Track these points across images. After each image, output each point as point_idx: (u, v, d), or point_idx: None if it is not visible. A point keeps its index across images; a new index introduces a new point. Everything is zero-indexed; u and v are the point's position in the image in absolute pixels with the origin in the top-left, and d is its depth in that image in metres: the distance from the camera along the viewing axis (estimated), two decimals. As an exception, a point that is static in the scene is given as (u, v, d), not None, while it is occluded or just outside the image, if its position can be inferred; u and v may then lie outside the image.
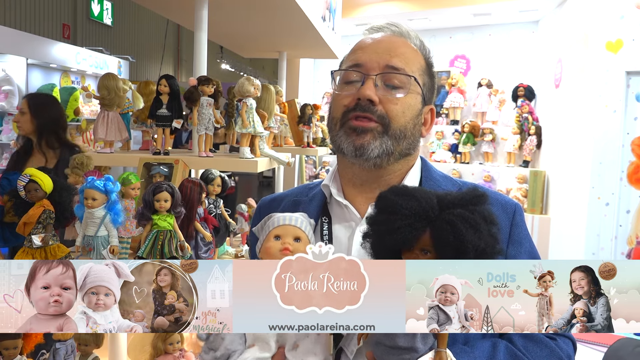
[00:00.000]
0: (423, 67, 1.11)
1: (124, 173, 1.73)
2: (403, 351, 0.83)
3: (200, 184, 1.61)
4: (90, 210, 1.44)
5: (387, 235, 0.83)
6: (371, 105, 1.03)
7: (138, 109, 2.32)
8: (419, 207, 0.83)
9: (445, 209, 0.83)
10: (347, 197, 1.12)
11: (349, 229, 1.09)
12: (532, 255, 1.08)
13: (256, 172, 2.16)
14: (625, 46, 4.31)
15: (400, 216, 0.83)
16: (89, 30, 10.86)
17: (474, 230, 0.80)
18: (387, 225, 0.83)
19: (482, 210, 0.83)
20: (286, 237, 1.01)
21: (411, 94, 1.07)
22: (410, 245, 0.83)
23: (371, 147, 1.03)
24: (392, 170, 1.09)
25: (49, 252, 1.46)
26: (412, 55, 1.09)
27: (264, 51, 4.84)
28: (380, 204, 0.87)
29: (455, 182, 1.14)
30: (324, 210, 1.13)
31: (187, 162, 1.98)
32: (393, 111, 1.04)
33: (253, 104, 2.20)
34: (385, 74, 1.05)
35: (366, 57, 1.07)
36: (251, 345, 0.95)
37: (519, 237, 1.07)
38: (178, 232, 1.43)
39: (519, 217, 1.09)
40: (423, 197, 0.84)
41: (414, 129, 1.09)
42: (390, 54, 1.06)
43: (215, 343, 0.97)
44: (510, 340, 1.00)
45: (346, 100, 1.06)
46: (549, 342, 1.00)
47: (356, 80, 1.07)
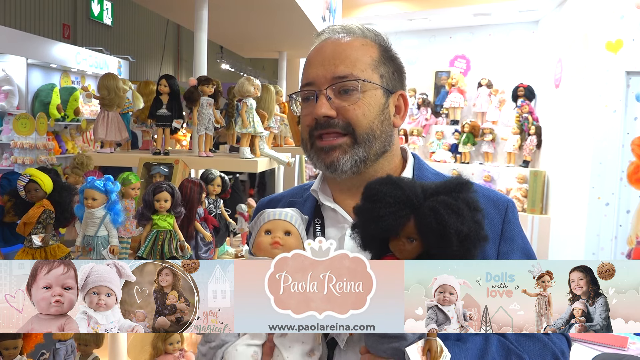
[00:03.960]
0: (375, 58, 1.08)
1: (124, 173, 1.73)
2: (393, 339, 0.84)
3: (200, 184, 1.61)
4: (90, 210, 1.44)
5: (372, 223, 0.84)
6: (330, 120, 1.04)
7: (138, 109, 2.33)
8: (402, 195, 0.84)
9: (429, 197, 0.84)
10: (336, 200, 1.13)
11: (341, 230, 1.10)
12: (526, 252, 1.08)
13: (256, 172, 2.17)
14: (625, 46, 4.31)
15: (385, 204, 0.84)
16: (89, 30, 10.85)
17: (457, 215, 0.81)
18: (372, 213, 0.84)
19: (465, 197, 0.84)
20: (276, 231, 1.02)
21: (367, 92, 1.05)
22: (396, 233, 0.84)
23: (341, 162, 1.04)
24: (375, 171, 1.09)
25: (49, 252, 1.47)
26: (360, 53, 1.07)
27: (264, 51, 4.85)
28: (366, 193, 0.88)
29: (446, 178, 1.14)
30: (316, 212, 1.13)
31: (187, 162, 1.98)
32: (353, 117, 1.04)
33: (253, 104, 2.20)
34: (334, 85, 1.04)
35: (314, 72, 1.07)
36: (243, 334, 0.97)
37: (511, 233, 1.06)
38: (178, 232, 1.44)
39: (511, 214, 1.08)
40: (407, 185, 0.86)
41: (382, 125, 1.07)
42: (335, 63, 1.05)
43: (211, 335, 0.99)
44: (503, 334, 1.00)
45: (307, 120, 1.08)
46: (542, 336, 1.00)
47: (311, 98, 1.07)
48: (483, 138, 6.17)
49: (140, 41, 12.95)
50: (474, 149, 6.26)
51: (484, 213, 0.86)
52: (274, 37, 3.99)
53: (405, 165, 1.15)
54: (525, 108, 5.80)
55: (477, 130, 6.21)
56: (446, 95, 6.53)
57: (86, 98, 7.15)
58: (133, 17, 12.55)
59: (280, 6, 2.89)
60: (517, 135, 5.92)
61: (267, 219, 1.05)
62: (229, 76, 13.11)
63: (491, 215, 1.05)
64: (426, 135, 6.67)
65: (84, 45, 9.35)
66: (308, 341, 0.96)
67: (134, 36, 12.68)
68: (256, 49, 4.74)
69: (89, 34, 10.86)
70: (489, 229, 0.95)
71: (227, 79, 11.92)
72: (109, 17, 11.44)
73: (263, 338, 0.96)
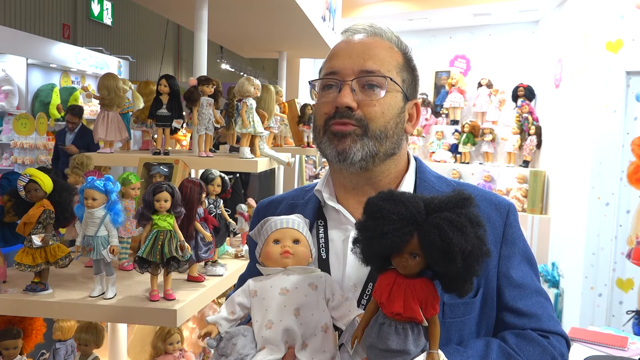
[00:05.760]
0: (400, 63, 1.10)
1: (124, 173, 1.73)
2: (395, 354, 0.84)
3: (200, 184, 1.61)
4: (90, 210, 1.44)
5: (375, 240, 0.84)
6: (349, 111, 1.04)
7: (138, 109, 2.32)
8: (406, 212, 0.84)
9: (432, 213, 0.84)
10: (340, 201, 1.12)
11: (345, 232, 1.09)
12: (526, 255, 1.09)
13: (256, 172, 2.16)
14: (625, 46, 4.31)
15: (388, 221, 0.83)
16: (89, 30, 10.85)
17: (461, 232, 0.81)
18: (376, 231, 0.84)
19: (468, 213, 0.84)
20: (285, 240, 1.02)
21: (390, 93, 1.06)
22: (399, 250, 0.84)
23: (353, 150, 1.03)
24: (381, 172, 1.09)
25: (49, 252, 1.47)
26: (387, 55, 1.09)
27: (264, 51, 4.84)
28: (368, 209, 0.88)
29: (449, 182, 1.14)
30: (319, 214, 1.13)
31: (187, 162, 1.98)
32: (372, 113, 1.04)
33: (253, 104, 2.20)
34: (361, 78, 1.05)
35: (341, 63, 1.07)
36: (262, 348, 0.96)
37: (512, 237, 1.07)
38: (178, 232, 1.43)
39: (513, 217, 1.09)
40: (410, 201, 0.85)
41: (396, 127, 1.08)
42: (364, 57, 1.06)
43: (227, 349, 0.97)
44: (503, 339, 1.00)
45: (326, 108, 1.07)
46: (542, 340, 1.00)
47: (334, 87, 1.07)
48: (483, 138, 6.17)
49: (140, 41, 12.95)
50: (474, 149, 6.26)
51: (486, 216, 0.86)
52: (274, 37, 3.99)
53: (408, 168, 1.15)
54: (525, 108, 5.80)
55: (477, 130, 6.21)
56: (446, 95, 6.53)
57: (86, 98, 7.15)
58: (133, 17, 12.55)
59: (280, 6, 2.89)
60: (517, 135, 5.92)
61: (274, 227, 1.04)
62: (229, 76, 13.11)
63: (493, 219, 1.06)
64: (426, 135, 6.66)
65: (84, 45, 9.35)
66: (329, 349, 0.95)
67: (134, 36, 12.68)
68: (256, 49, 4.74)
69: (89, 34, 10.85)
70: (490, 232, 0.95)
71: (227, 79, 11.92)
72: (109, 17, 11.44)
73: (282, 351, 0.95)
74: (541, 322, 1.03)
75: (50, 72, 7.63)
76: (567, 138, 5.03)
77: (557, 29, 5.56)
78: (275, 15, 3.12)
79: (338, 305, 0.99)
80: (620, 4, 4.31)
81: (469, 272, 0.82)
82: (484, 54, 6.60)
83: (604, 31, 4.38)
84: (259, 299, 1.00)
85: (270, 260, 1.02)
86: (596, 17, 4.46)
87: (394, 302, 0.85)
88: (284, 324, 0.95)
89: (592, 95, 4.45)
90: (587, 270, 4.47)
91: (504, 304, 1.04)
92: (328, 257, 1.07)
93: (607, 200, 4.40)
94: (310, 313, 0.97)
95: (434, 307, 0.86)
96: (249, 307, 1.02)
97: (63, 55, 7.61)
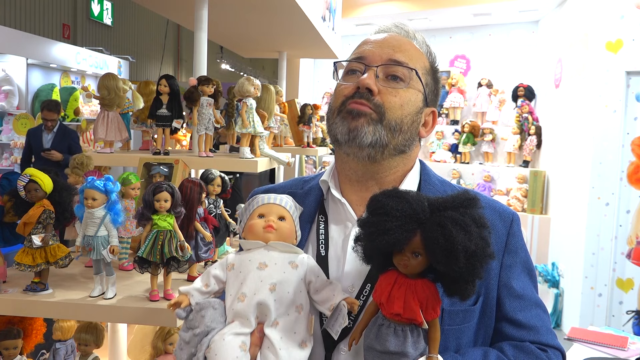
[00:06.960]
0: (427, 67, 1.11)
1: (124, 173, 1.73)
2: (394, 356, 0.83)
3: (200, 184, 1.61)
4: (90, 210, 1.44)
5: (378, 237, 0.83)
6: (369, 94, 1.02)
7: (138, 109, 2.32)
8: (410, 209, 0.83)
9: (436, 212, 0.83)
10: (344, 195, 1.10)
11: (345, 229, 1.07)
12: (527, 265, 1.08)
13: (256, 172, 2.16)
14: (625, 46, 4.31)
15: (392, 218, 0.82)
16: (89, 30, 10.85)
17: (465, 232, 0.79)
18: (378, 227, 0.83)
19: (472, 213, 0.83)
20: (270, 214, 1.00)
21: (412, 89, 1.06)
22: (401, 247, 0.83)
23: (364, 130, 1.00)
24: (388, 167, 1.07)
25: (49, 252, 1.47)
26: (417, 55, 1.10)
27: (264, 51, 4.84)
28: (371, 206, 0.86)
29: (453, 187, 1.13)
30: (320, 209, 1.11)
31: (187, 162, 1.97)
32: (391, 102, 1.03)
33: (253, 104, 2.20)
34: (387, 66, 1.04)
35: (369, 50, 1.07)
36: (231, 321, 0.95)
37: (515, 246, 1.07)
38: (178, 232, 1.43)
39: (516, 226, 1.08)
40: (414, 199, 0.84)
41: (412, 125, 1.07)
42: (394, 49, 1.06)
43: (195, 321, 0.95)
44: (501, 350, 0.99)
45: (346, 90, 1.06)
46: (540, 353, 0.99)
47: (358, 71, 1.06)
48: (483, 138, 6.17)
49: (140, 41, 12.95)
50: (474, 149, 6.26)
51: (490, 223, 0.86)
52: (274, 37, 3.99)
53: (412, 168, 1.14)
54: (525, 108, 5.80)
55: (477, 130, 6.21)
56: (446, 95, 6.53)
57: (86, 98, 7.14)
58: (133, 17, 12.55)
59: (280, 6, 2.89)
60: (517, 135, 5.92)
61: (260, 202, 1.02)
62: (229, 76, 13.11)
63: (497, 227, 1.05)
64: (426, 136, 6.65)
65: (84, 45, 9.35)
66: (300, 331, 0.93)
67: (134, 36, 12.67)
68: (256, 49, 4.74)
69: (89, 34, 10.85)
70: (494, 240, 0.94)
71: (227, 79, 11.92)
72: (109, 17, 11.43)
73: (252, 326, 0.93)
74: (540, 335, 1.02)
75: (50, 72, 7.63)
76: (567, 138, 5.03)
77: (557, 29, 5.56)
78: (275, 15, 3.12)
79: (321, 287, 0.96)
80: (620, 4, 4.31)
81: (472, 273, 0.81)
82: (484, 54, 6.60)
83: (604, 31, 4.38)
84: (235, 272, 0.98)
85: (252, 234, 1.00)
86: (596, 17, 4.46)
87: (394, 302, 0.84)
88: (258, 297, 0.93)
89: (592, 95, 4.45)
90: (587, 270, 4.48)
91: (504, 315, 1.03)
92: (327, 254, 1.06)
93: (607, 200, 4.40)
94: (286, 290, 0.94)
95: (435, 309, 0.84)
96: (224, 280, 0.99)
97: (63, 55, 7.60)
